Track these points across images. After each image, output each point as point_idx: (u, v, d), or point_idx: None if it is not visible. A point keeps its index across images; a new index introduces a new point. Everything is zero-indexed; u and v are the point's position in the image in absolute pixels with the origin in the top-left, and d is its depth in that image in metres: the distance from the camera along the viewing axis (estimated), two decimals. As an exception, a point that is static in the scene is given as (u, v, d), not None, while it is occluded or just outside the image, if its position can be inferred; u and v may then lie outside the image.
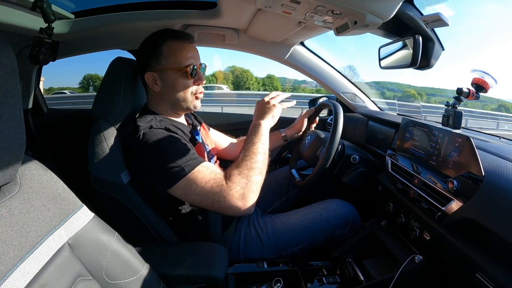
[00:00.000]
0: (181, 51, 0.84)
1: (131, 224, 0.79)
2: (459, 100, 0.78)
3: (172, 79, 0.84)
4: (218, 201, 0.74)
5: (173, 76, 0.84)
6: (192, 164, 0.75)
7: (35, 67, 1.34)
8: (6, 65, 0.38)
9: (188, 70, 0.83)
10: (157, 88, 0.85)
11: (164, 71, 0.83)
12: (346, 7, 0.68)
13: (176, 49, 0.84)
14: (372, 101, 1.56)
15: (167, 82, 0.84)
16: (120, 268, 0.55)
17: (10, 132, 0.39)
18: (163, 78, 0.84)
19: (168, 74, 0.84)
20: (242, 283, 0.84)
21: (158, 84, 0.85)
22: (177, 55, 0.83)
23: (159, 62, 0.83)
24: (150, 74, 0.84)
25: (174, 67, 0.83)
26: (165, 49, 0.83)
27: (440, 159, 0.73)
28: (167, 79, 0.84)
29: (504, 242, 0.53)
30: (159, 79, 0.84)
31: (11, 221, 0.40)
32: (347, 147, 1.08)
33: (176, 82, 0.84)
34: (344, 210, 1.01)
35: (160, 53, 0.83)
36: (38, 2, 0.76)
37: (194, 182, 0.74)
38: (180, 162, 0.74)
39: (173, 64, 0.83)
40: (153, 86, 0.85)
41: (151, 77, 0.84)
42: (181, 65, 0.83)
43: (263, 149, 0.85)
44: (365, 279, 0.84)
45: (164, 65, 0.83)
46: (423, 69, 0.91)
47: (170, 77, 0.84)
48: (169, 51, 0.83)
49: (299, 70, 1.48)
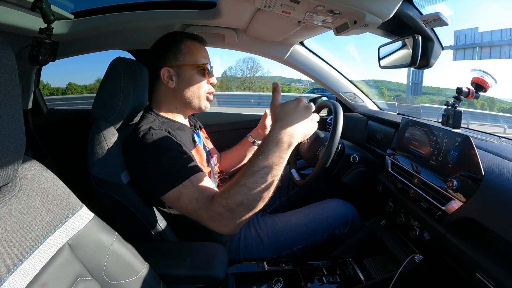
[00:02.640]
0: (198, 50, 0.88)
1: (131, 224, 0.79)
2: (458, 99, 0.78)
3: (189, 75, 0.86)
4: (201, 220, 0.71)
5: (190, 73, 0.86)
6: (184, 175, 0.72)
7: (35, 68, 1.34)
8: (6, 65, 0.38)
9: (205, 68, 0.87)
10: (172, 84, 0.86)
11: (182, 67, 0.86)
12: (345, 6, 0.68)
13: (193, 48, 0.87)
14: (372, 100, 1.56)
15: (183, 78, 0.86)
16: (120, 268, 0.55)
17: (9, 133, 0.39)
18: (180, 73, 0.86)
19: (186, 70, 0.86)
20: (242, 283, 0.84)
21: (174, 80, 0.86)
22: (195, 54, 0.87)
23: (177, 58, 0.86)
24: (166, 70, 0.85)
25: (192, 64, 0.86)
26: (183, 47, 0.86)
27: (440, 159, 0.73)
28: (184, 75, 0.86)
29: (504, 242, 0.53)
30: (175, 74, 0.86)
31: (11, 221, 0.40)
32: (347, 146, 1.08)
33: (192, 78, 0.87)
34: (344, 209, 1.01)
35: (179, 49, 0.86)
36: (37, 3, 0.76)
37: (180, 196, 0.71)
38: (173, 171, 0.72)
39: (191, 61, 0.86)
40: (167, 82, 0.86)
41: (167, 73, 0.86)
42: (199, 62, 0.87)
43: (268, 182, 0.64)
44: (365, 278, 0.84)
45: (182, 61, 0.86)
46: (422, 69, 0.91)
47: (187, 73, 0.86)
48: (187, 48, 0.86)
49: (299, 70, 1.48)
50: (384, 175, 1.00)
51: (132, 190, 0.78)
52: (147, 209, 0.80)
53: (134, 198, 0.78)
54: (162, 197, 0.74)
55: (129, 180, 0.80)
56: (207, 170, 0.90)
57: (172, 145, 0.77)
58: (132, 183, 0.80)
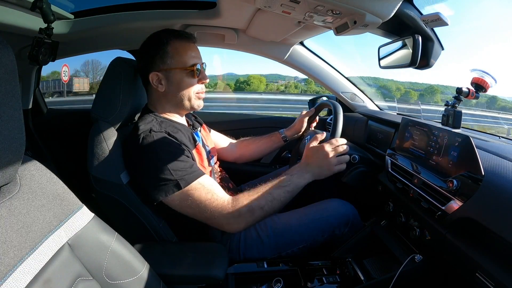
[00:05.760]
0: (186, 50, 0.85)
1: (131, 224, 0.79)
2: (458, 99, 0.78)
3: (178, 78, 0.84)
4: (211, 218, 0.76)
5: (179, 76, 0.84)
6: (188, 179, 0.75)
7: (35, 67, 1.34)
8: (6, 65, 0.38)
9: (194, 69, 0.84)
10: (162, 88, 0.85)
11: (170, 70, 0.83)
12: (345, 6, 0.68)
13: (181, 49, 0.84)
14: (372, 100, 1.56)
15: (172, 82, 0.84)
16: (120, 268, 0.55)
17: (9, 133, 0.39)
18: (169, 77, 0.84)
19: (174, 73, 0.84)
20: (242, 283, 0.84)
21: (163, 84, 0.85)
22: (183, 55, 0.84)
23: (164, 62, 0.83)
24: (155, 74, 0.84)
25: (180, 67, 0.84)
26: (170, 49, 0.83)
27: (440, 159, 0.73)
28: (173, 78, 0.84)
29: (504, 242, 0.53)
30: (164, 79, 0.84)
31: (11, 221, 0.40)
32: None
33: (181, 81, 0.85)
34: (344, 209, 1.01)
35: (165, 53, 0.83)
36: (37, 3, 0.76)
37: (189, 197, 0.75)
38: (176, 176, 0.74)
39: (179, 63, 0.84)
40: (157, 86, 0.85)
41: (155, 77, 0.84)
42: (187, 64, 0.84)
43: (285, 198, 0.83)
44: (365, 278, 0.84)
45: (170, 65, 0.83)
46: (422, 69, 0.91)
47: (176, 77, 0.84)
48: (175, 50, 0.83)
49: (299, 69, 1.48)
50: (384, 175, 1.00)
51: (132, 190, 0.78)
52: (147, 209, 0.80)
53: (134, 198, 0.78)
54: (166, 199, 0.74)
55: (129, 180, 0.79)
56: (207, 170, 0.90)
57: (174, 146, 0.78)
58: (132, 183, 0.80)
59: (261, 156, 1.24)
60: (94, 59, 9.15)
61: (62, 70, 6.81)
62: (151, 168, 0.75)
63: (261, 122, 1.64)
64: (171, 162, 0.74)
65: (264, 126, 1.58)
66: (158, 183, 0.74)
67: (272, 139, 1.18)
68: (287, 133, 1.18)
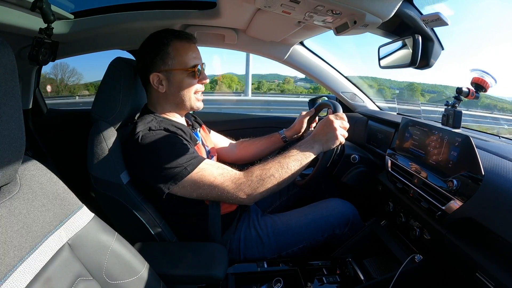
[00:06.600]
0: (187, 51, 0.85)
1: (131, 224, 0.79)
2: (458, 99, 0.78)
3: (179, 79, 0.85)
4: (224, 192, 0.77)
5: (179, 77, 0.85)
6: (194, 162, 0.76)
7: (35, 67, 1.34)
8: (6, 65, 0.38)
9: (195, 70, 0.85)
10: (162, 88, 0.85)
11: (171, 71, 0.84)
12: (345, 6, 0.68)
13: (182, 50, 0.84)
14: (372, 100, 1.56)
15: (173, 83, 0.85)
16: (120, 268, 0.55)
17: (9, 133, 0.39)
18: (170, 78, 0.84)
19: (175, 74, 0.84)
20: (242, 283, 0.84)
21: (164, 84, 0.85)
22: (184, 56, 0.84)
23: (165, 62, 0.83)
24: (156, 75, 0.84)
25: (181, 68, 0.84)
26: (171, 50, 0.83)
27: (440, 159, 0.73)
28: (173, 79, 0.84)
29: (504, 242, 0.53)
30: (165, 79, 0.84)
31: (11, 221, 0.40)
32: (347, 146, 1.07)
33: (182, 82, 0.85)
34: (344, 209, 1.01)
35: (166, 54, 0.83)
36: (37, 3, 0.76)
37: (201, 179, 0.76)
38: (182, 162, 0.74)
39: (180, 64, 0.84)
40: (158, 87, 0.85)
41: (156, 78, 0.84)
42: (188, 65, 0.84)
43: (295, 167, 0.83)
44: (365, 278, 0.84)
45: (171, 66, 0.84)
46: (422, 69, 0.91)
47: (177, 78, 0.84)
48: (176, 51, 0.84)
49: (299, 69, 1.48)
50: (384, 175, 1.00)
51: (132, 190, 0.79)
52: (147, 209, 0.80)
53: (134, 198, 0.78)
54: (174, 188, 0.75)
55: (129, 180, 0.79)
56: None
57: (175, 138, 0.79)
58: (132, 183, 0.80)
59: (261, 157, 1.23)
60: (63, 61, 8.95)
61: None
62: (154, 163, 0.75)
63: (261, 122, 1.64)
64: (174, 153, 0.75)
65: (264, 126, 1.58)
66: (165, 174, 0.74)
67: (272, 140, 1.19)
68: (287, 134, 1.18)
